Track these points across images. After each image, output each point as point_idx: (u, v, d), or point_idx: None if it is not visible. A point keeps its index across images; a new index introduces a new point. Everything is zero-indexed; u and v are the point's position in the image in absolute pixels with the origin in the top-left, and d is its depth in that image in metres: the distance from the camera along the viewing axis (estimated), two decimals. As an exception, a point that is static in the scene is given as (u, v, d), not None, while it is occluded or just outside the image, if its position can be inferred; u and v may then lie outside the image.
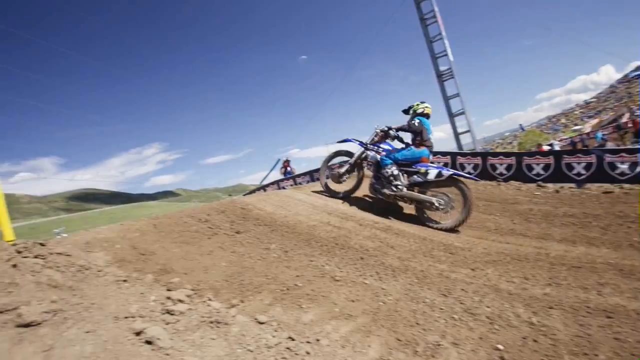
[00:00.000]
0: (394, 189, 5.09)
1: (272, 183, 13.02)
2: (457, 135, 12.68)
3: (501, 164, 8.56)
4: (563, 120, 54.34)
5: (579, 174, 7.61)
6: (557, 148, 14.15)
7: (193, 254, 3.17)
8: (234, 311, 2.35)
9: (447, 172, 4.96)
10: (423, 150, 5.16)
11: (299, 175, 12.49)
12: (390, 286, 2.95)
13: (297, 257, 3.41)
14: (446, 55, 12.39)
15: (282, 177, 13.25)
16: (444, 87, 12.72)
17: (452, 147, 13.25)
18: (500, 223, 5.19)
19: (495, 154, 9.06)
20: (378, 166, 5.39)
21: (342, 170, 5.74)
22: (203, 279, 2.79)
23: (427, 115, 5.37)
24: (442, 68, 12.69)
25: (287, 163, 13.54)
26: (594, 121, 36.46)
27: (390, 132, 5.52)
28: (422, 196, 5.06)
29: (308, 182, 11.76)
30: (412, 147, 5.27)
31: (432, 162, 5.35)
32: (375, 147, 5.53)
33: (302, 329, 2.29)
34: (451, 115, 12.68)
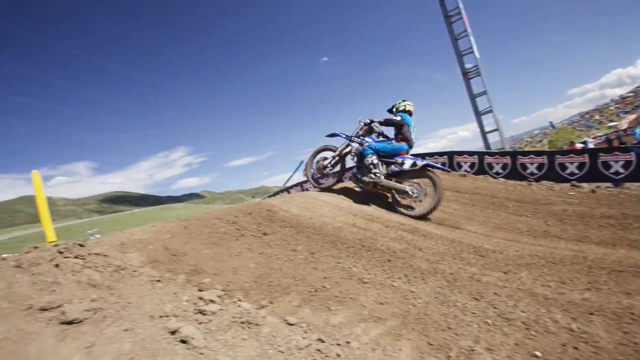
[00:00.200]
0: (373, 176, 5.45)
1: (296, 185, 13.08)
2: (484, 134, 12.34)
3: (532, 163, 8.26)
4: (597, 117, 51.77)
5: (617, 173, 7.24)
6: (591, 146, 13.49)
7: (222, 255, 3.23)
8: (263, 312, 2.37)
9: (420, 163, 5.30)
10: (402, 145, 5.55)
11: (322, 177, 12.52)
12: (419, 289, 2.90)
13: (324, 259, 3.41)
14: (472, 52, 12.09)
15: (305, 178, 13.30)
16: (470, 85, 12.41)
17: (479, 146, 12.91)
18: (532, 225, 5.00)
19: (526, 153, 8.75)
20: (360, 156, 5.71)
21: (326, 162, 6.08)
22: (233, 279, 2.83)
23: (409, 112, 5.74)
24: (467, 65, 12.39)
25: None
26: (632, 117, 34.52)
27: (374, 125, 5.85)
28: (397, 185, 5.43)
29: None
30: (393, 141, 5.65)
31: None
32: (359, 139, 5.80)
33: (331, 331, 2.29)
34: (478, 114, 12.35)
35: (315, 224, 4.42)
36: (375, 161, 5.44)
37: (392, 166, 5.49)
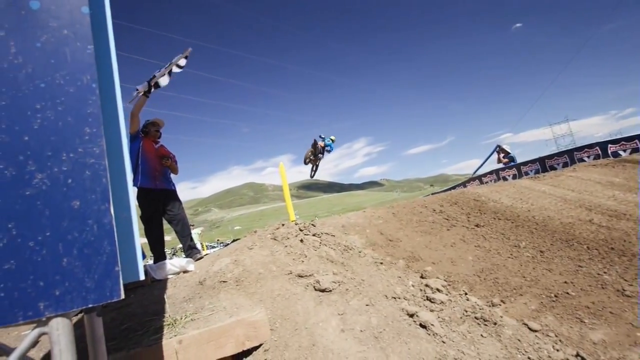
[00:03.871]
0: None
1: (490, 172, 11.76)
2: None
3: None
4: None
5: None
6: None
7: (436, 244, 3.18)
8: (498, 311, 2.18)
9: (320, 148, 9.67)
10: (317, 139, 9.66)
11: (524, 164, 10.77)
12: None
13: (558, 260, 2.89)
14: None
15: (501, 166, 11.73)
16: None
17: None
18: None
19: None
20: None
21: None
22: (452, 271, 2.74)
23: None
24: None
25: (502, 150, 11.69)
26: None
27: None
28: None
29: (537, 171, 10.00)
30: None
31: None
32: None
33: (592, 350, 1.89)
34: None
35: (535, 217, 3.82)
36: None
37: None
